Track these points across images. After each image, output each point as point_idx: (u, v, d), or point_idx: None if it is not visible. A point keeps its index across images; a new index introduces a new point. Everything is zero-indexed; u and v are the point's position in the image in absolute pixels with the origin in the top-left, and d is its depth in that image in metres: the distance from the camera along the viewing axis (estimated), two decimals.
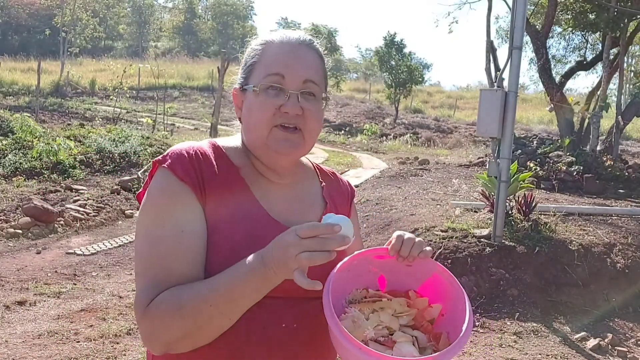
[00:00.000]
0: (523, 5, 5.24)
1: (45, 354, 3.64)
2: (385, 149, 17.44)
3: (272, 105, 1.11)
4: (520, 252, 5.27)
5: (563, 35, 16.09)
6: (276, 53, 1.14)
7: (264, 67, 1.14)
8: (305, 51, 1.16)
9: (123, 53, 43.85)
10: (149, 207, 1.09)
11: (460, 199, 7.70)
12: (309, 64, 1.15)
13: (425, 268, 1.14)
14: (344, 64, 41.69)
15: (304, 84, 1.13)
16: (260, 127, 1.12)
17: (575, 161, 9.49)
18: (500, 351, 4.13)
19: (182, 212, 1.06)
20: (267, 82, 1.12)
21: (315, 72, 1.16)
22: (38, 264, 5.55)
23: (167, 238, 1.05)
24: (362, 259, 1.14)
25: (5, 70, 24.58)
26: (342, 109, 25.77)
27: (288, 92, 1.11)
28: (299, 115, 1.12)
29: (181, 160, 1.09)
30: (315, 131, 1.17)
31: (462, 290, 1.08)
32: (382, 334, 1.06)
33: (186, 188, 1.07)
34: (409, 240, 1.12)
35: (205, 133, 15.84)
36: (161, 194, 1.08)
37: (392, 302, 1.13)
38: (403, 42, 24.25)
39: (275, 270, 0.95)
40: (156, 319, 1.02)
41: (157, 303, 1.02)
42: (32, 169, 8.86)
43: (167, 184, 1.08)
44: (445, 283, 1.13)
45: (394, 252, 1.12)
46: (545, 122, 24.06)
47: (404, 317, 1.10)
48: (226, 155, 1.16)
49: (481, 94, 5.45)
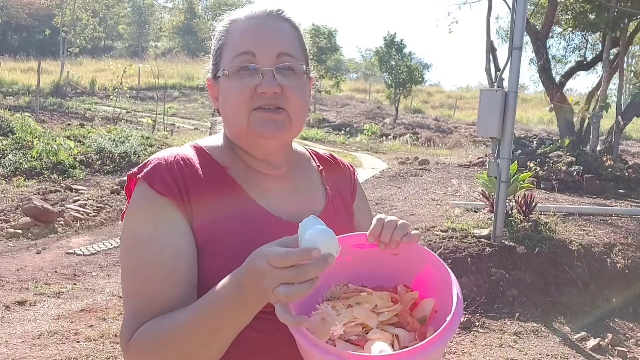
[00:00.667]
0: (523, 5, 5.24)
1: (45, 354, 3.64)
2: (385, 149, 17.43)
3: (247, 88, 0.99)
4: (520, 252, 5.27)
5: (563, 35, 16.09)
6: (242, 30, 1.03)
7: (231, 47, 1.03)
8: (275, 22, 1.04)
9: (123, 53, 43.85)
10: (126, 228, 0.99)
11: (460, 199, 7.70)
12: (280, 35, 1.03)
13: (414, 257, 0.99)
14: (344, 64, 41.69)
15: (278, 58, 1.01)
16: (238, 114, 1.01)
17: (575, 161, 9.50)
18: (500, 351, 4.13)
19: (162, 230, 0.96)
20: (237, 63, 1.00)
21: (290, 44, 1.04)
22: (38, 264, 5.55)
23: (147, 262, 0.95)
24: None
25: (5, 70, 24.56)
26: (342, 109, 25.78)
27: (262, 70, 0.99)
28: (277, 93, 0.99)
29: (159, 171, 0.99)
30: (300, 109, 1.03)
31: (450, 280, 0.92)
32: (356, 332, 0.92)
33: (166, 201, 0.97)
34: (390, 223, 0.96)
35: (205, 133, 15.85)
36: (137, 213, 0.98)
37: (372, 296, 0.98)
38: (403, 42, 24.23)
39: (255, 298, 0.84)
40: (138, 354, 0.93)
41: (138, 337, 0.93)
42: (32, 169, 8.86)
43: (144, 199, 0.98)
44: (436, 274, 0.96)
45: (373, 239, 0.96)
46: (545, 122, 24.07)
47: (386, 314, 0.94)
48: (210, 156, 1.06)
49: (481, 94, 5.45)
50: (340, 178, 1.22)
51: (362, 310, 0.94)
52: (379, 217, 0.98)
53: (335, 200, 1.17)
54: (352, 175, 1.26)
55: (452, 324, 0.85)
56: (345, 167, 1.26)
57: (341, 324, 0.91)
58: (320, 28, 25.13)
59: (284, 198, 1.09)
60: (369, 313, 0.94)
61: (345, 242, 0.99)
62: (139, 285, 0.96)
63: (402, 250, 0.98)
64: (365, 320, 0.93)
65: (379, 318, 0.94)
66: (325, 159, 1.23)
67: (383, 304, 0.96)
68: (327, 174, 1.20)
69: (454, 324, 0.85)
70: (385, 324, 0.94)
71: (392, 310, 0.95)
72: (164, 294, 0.94)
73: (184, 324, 0.89)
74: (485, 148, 14.69)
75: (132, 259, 0.97)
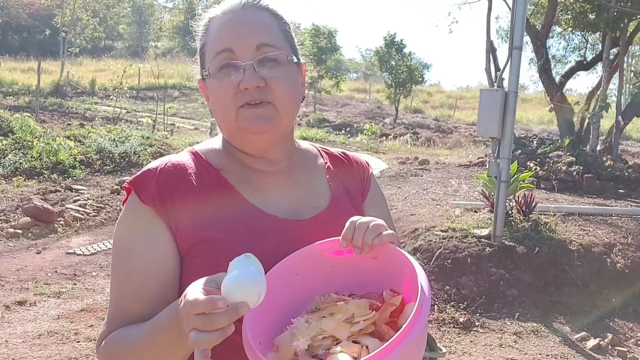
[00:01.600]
0: (523, 5, 5.24)
1: (45, 354, 3.64)
2: (385, 149, 17.43)
3: (230, 85, 0.97)
4: (520, 252, 5.27)
5: (563, 35, 16.09)
6: (219, 27, 1.00)
7: (211, 46, 1.00)
8: (251, 13, 1.00)
9: (123, 53, 43.85)
10: (114, 236, 1.02)
11: (460, 199, 7.70)
12: (259, 26, 0.99)
13: (394, 260, 0.92)
14: (344, 64, 41.70)
15: (257, 50, 0.97)
16: (226, 113, 0.99)
17: (575, 161, 9.50)
18: (500, 351, 4.13)
19: (139, 244, 0.96)
20: (217, 62, 0.98)
21: (270, 34, 1.00)
22: (38, 264, 5.55)
23: (121, 275, 0.98)
24: (313, 256, 0.96)
25: (5, 70, 24.58)
26: (342, 109, 25.79)
27: (242, 65, 0.96)
28: (261, 87, 0.96)
29: (146, 181, 0.99)
30: (288, 99, 1.00)
31: (417, 277, 0.85)
32: (324, 346, 0.86)
33: (149, 211, 0.97)
34: (361, 225, 0.92)
35: (205, 133, 15.84)
36: (122, 222, 1.00)
37: (349, 305, 0.91)
38: (403, 42, 24.22)
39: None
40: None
41: (104, 345, 0.97)
42: (32, 169, 8.86)
43: (130, 209, 1.00)
44: (410, 275, 0.89)
45: (346, 243, 0.92)
46: (545, 122, 24.05)
47: (361, 323, 0.88)
48: (205, 160, 1.05)
49: (481, 94, 5.45)
50: (351, 176, 1.18)
51: (331, 321, 0.89)
52: (351, 220, 0.94)
53: (341, 198, 1.13)
54: (366, 173, 1.21)
55: (409, 330, 0.78)
56: (359, 164, 1.21)
57: (305, 338, 0.87)
58: (320, 28, 25.13)
59: (284, 193, 1.06)
60: (340, 324, 0.89)
61: (323, 249, 0.96)
62: (113, 294, 1.00)
63: (379, 253, 0.92)
64: (335, 332, 0.87)
65: (353, 328, 0.88)
66: (336, 157, 1.20)
67: (360, 313, 0.90)
68: (336, 171, 1.16)
69: (413, 328, 0.78)
70: (361, 334, 0.87)
71: (367, 319, 0.89)
72: (132, 307, 0.96)
73: (134, 344, 0.92)
74: (485, 148, 14.69)
75: (113, 268, 1.00)
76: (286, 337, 0.89)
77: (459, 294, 4.90)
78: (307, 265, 0.96)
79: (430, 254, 5.25)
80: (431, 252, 5.27)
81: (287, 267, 0.95)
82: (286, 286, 0.95)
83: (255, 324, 0.87)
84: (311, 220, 1.05)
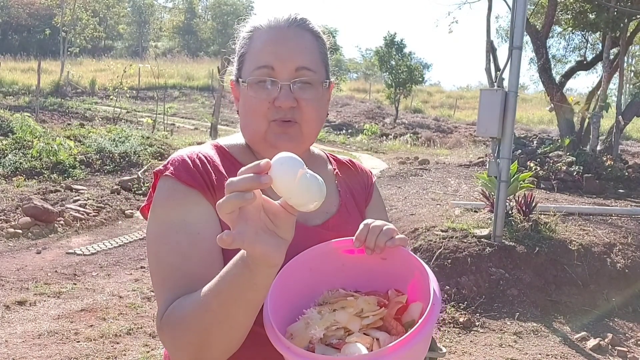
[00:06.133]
0: (523, 5, 5.24)
1: (45, 353, 3.64)
2: (385, 149, 17.44)
3: (265, 100, 1.03)
4: (520, 252, 5.28)
5: (563, 35, 16.11)
6: (264, 41, 1.05)
7: (252, 59, 1.05)
8: (296, 34, 1.05)
9: (123, 53, 43.85)
10: (158, 216, 1.01)
11: (460, 198, 7.70)
12: (301, 48, 1.05)
13: (403, 262, 1.00)
14: (344, 64, 41.69)
15: (296, 72, 1.03)
16: (256, 123, 1.05)
17: (575, 161, 9.50)
18: (500, 351, 4.13)
19: (195, 215, 0.99)
20: (256, 75, 1.03)
21: (310, 57, 1.05)
22: (38, 263, 5.55)
23: (184, 243, 0.97)
24: (326, 253, 1.02)
25: (5, 70, 24.57)
26: (342, 109, 25.78)
27: (279, 84, 1.02)
28: (293, 107, 1.03)
29: (185, 166, 1.02)
30: (313, 122, 1.07)
31: (428, 279, 0.93)
32: (337, 336, 0.93)
33: (195, 192, 1.00)
34: (374, 227, 0.98)
35: (205, 133, 15.84)
36: (169, 201, 1.00)
37: (358, 300, 0.99)
38: (403, 42, 24.25)
39: (247, 250, 0.81)
40: (167, 334, 0.93)
41: (167, 315, 0.94)
42: (32, 169, 8.86)
43: (172, 191, 1.01)
44: (420, 277, 0.97)
45: (359, 243, 0.99)
46: (545, 122, 24.07)
47: (370, 317, 0.95)
48: (231, 155, 1.10)
49: (481, 94, 5.46)
50: (357, 183, 1.24)
51: (344, 314, 0.96)
52: (365, 222, 1.00)
53: (348, 203, 1.18)
54: (369, 181, 1.28)
55: (423, 327, 0.85)
56: (364, 172, 1.28)
57: (321, 328, 0.93)
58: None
59: None
60: (352, 317, 0.96)
61: (337, 247, 1.02)
62: (178, 263, 0.96)
63: (389, 255, 0.99)
64: (347, 324, 0.94)
65: (363, 322, 0.95)
66: (343, 163, 1.26)
67: (369, 308, 0.97)
68: (343, 177, 1.22)
69: (426, 326, 0.85)
70: (369, 328, 0.95)
71: (376, 314, 0.96)
72: (200, 272, 0.95)
73: (200, 299, 0.89)
74: (485, 148, 14.69)
75: (165, 243, 0.98)
76: (300, 326, 0.95)
77: (459, 294, 4.90)
78: (320, 261, 1.02)
79: (430, 254, 5.25)
80: (431, 252, 5.27)
81: (302, 262, 1.00)
82: (299, 279, 1.00)
83: (275, 312, 0.92)
84: (322, 226, 1.11)
